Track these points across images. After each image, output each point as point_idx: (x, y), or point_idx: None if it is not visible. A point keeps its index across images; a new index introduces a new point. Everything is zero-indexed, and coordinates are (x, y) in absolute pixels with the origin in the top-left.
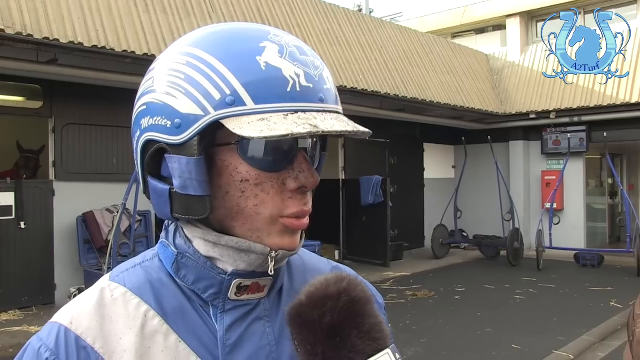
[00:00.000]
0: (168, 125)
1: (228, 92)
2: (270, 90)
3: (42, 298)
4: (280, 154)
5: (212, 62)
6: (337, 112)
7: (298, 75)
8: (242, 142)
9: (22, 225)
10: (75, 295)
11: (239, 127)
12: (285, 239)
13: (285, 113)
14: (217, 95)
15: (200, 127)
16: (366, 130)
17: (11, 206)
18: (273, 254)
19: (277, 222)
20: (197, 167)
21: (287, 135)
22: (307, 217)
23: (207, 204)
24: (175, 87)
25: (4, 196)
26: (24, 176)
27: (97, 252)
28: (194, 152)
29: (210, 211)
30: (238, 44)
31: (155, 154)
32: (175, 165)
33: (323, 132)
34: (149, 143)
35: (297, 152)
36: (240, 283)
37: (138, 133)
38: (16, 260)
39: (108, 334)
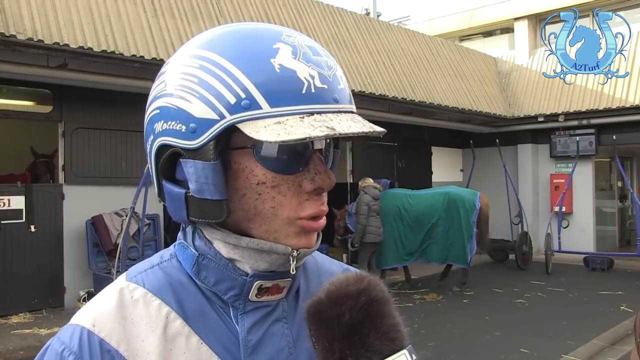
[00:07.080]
0: (183, 130)
1: (243, 95)
2: (285, 92)
3: (51, 301)
4: (296, 156)
5: (226, 65)
6: (352, 112)
7: (312, 77)
8: (258, 146)
9: (32, 228)
10: (84, 299)
11: (255, 131)
12: (302, 239)
13: (301, 115)
14: (232, 99)
15: (216, 131)
16: (381, 129)
17: (21, 209)
18: (295, 254)
19: (294, 223)
20: (213, 171)
21: (305, 139)
22: (324, 218)
23: (224, 207)
24: (189, 91)
25: (14, 200)
26: (50, 181)
27: (106, 256)
28: (210, 157)
29: (227, 215)
30: (251, 45)
31: (170, 158)
32: (191, 169)
33: (340, 134)
34: (163, 147)
35: (313, 154)
36: (262, 285)
37: (152, 137)
38: (26, 263)
39: (131, 336)
